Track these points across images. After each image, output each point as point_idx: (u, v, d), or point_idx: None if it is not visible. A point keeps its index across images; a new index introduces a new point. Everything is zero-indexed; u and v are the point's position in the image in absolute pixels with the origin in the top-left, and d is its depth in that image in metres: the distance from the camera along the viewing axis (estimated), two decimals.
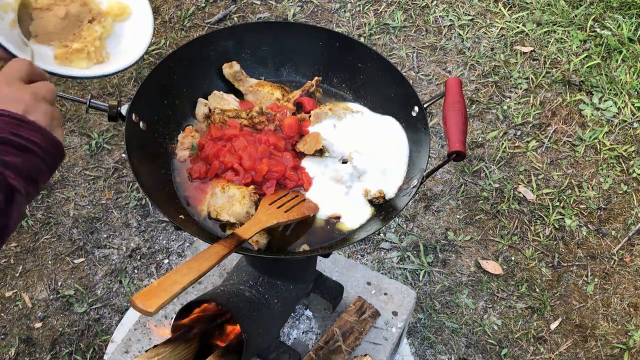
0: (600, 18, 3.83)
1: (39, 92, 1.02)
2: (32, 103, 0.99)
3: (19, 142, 0.94)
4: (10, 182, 0.91)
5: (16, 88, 1.00)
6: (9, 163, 0.92)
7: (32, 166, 0.95)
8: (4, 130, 0.93)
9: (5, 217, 0.92)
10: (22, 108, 0.97)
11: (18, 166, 0.93)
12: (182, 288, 1.14)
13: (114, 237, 2.91)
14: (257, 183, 1.51)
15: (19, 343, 2.61)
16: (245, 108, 1.66)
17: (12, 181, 0.91)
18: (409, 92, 1.61)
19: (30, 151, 0.95)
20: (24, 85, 1.02)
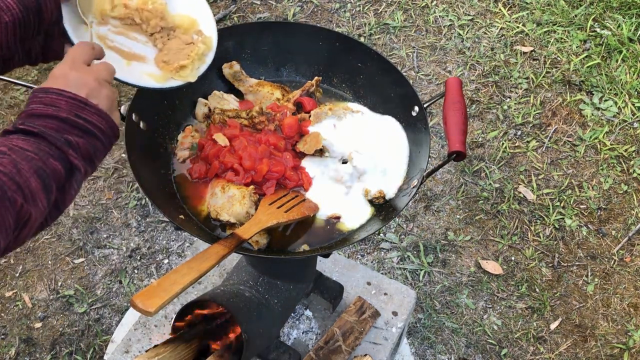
0: (600, 18, 3.83)
1: (101, 75, 1.09)
2: (95, 87, 1.06)
3: (82, 124, 1.01)
4: (72, 161, 0.99)
5: (81, 72, 1.07)
6: (72, 143, 0.99)
7: (91, 147, 1.02)
8: (69, 112, 1.00)
9: (64, 192, 1.00)
10: (86, 92, 1.04)
11: (80, 146, 1.00)
12: (182, 288, 1.14)
13: (114, 237, 2.91)
14: (257, 183, 1.51)
15: (19, 343, 2.61)
16: (245, 108, 1.66)
17: (73, 160, 0.99)
18: (409, 92, 1.61)
19: (91, 133, 1.02)
20: (88, 68, 1.09)
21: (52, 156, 0.97)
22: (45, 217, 0.99)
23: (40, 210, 0.96)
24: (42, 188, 0.95)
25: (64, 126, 1.00)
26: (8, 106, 3.36)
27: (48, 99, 1.01)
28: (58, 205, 1.00)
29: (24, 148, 0.95)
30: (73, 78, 1.05)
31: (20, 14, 1.18)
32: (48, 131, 0.98)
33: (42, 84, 1.06)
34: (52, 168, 0.97)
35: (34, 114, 1.00)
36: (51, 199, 0.97)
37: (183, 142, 1.61)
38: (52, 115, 0.99)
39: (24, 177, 0.93)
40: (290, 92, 1.71)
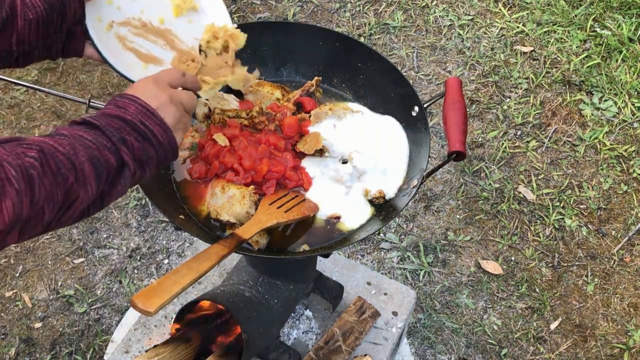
0: (600, 18, 3.83)
1: (178, 97, 1.16)
2: (166, 103, 1.12)
3: (143, 130, 1.07)
4: (123, 157, 1.04)
5: (159, 87, 1.14)
6: (127, 142, 1.05)
7: (145, 153, 1.08)
8: (135, 116, 1.07)
9: (112, 185, 1.05)
10: (156, 104, 1.11)
11: (134, 148, 1.06)
12: (182, 288, 1.14)
13: (114, 237, 2.91)
14: (257, 183, 1.50)
15: (19, 343, 2.61)
16: (245, 108, 1.66)
17: (125, 156, 1.04)
18: (409, 92, 1.61)
19: (148, 140, 1.08)
20: (168, 87, 1.16)
21: (108, 149, 1.02)
22: (89, 205, 1.03)
23: (88, 194, 1.01)
24: (94, 174, 1.00)
25: (126, 127, 1.06)
26: (8, 106, 3.36)
27: (121, 102, 1.08)
28: (104, 195, 1.04)
29: (83, 136, 1.01)
30: (149, 89, 1.12)
31: (44, 12, 1.22)
32: (109, 127, 1.04)
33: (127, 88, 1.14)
34: (106, 159, 1.02)
35: (104, 113, 1.07)
36: (100, 187, 1.02)
37: (183, 142, 1.61)
38: (118, 115, 1.06)
39: (79, 160, 0.98)
40: (290, 92, 1.71)
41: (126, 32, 1.43)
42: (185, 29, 1.49)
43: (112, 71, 3.51)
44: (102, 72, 3.52)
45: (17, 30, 1.21)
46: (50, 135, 1.00)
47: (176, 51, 1.47)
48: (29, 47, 1.25)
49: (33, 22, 1.21)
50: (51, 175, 0.94)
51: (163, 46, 1.46)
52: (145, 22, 1.45)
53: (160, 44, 1.46)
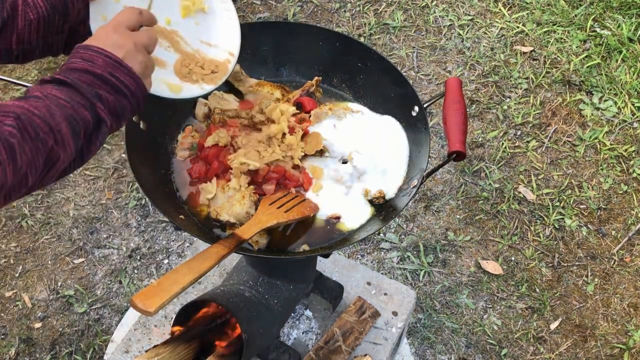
0: (600, 18, 3.82)
1: (140, 41, 1.15)
2: (132, 51, 1.12)
3: (114, 82, 1.07)
4: (100, 113, 1.05)
5: (121, 35, 1.12)
6: (102, 97, 1.05)
7: (120, 105, 1.08)
8: (104, 69, 1.07)
9: (90, 141, 1.06)
10: (122, 54, 1.10)
11: (109, 102, 1.06)
12: (182, 288, 1.14)
13: (114, 237, 2.91)
14: (257, 183, 1.50)
15: (19, 343, 2.61)
16: (245, 108, 1.66)
17: (101, 112, 1.05)
18: (409, 92, 1.61)
19: (121, 92, 1.08)
20: (130, 33, 1.14)
21: (83, 106, 1.03)
22: (70, 163, 1.04)
23: (68, 154, 1.02)
24: (71, 134, 1.01)
25: (97, 81, 1.06)
26: None
27: (87, 55, 1.07)
28: (83, 153, 1.06)
29: (58, 96, 1.01)
30: (113, 39, 1.11)
31: (45, 12, 1.22)
32: (81, 84, 1.04)
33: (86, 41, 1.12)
34: (82, 117, 1.02)
35: (71, 67, 1.06)
36: (78, 145, 1.03)
37: (183, 142, 1.61)
38: (87, 70, 1.06)
39: (56, 121, 0.98)
40: (290, 92, 1.71)
41: None
42: (191, 30, 1.48)
43: None
44: None
45: (18, 30, 1.21)
46: (25, 98, 0.99)
47: (180, 53, 1.47)
48: (29, 47, 1.25)
49: (34, 23, 1.21)
50: (31, 141, 0.94)
51: (167, 48, 1.46)
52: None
53: (164, 45, 1.46)
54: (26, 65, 3.53)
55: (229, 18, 1.50)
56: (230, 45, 1.51)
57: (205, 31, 1.50)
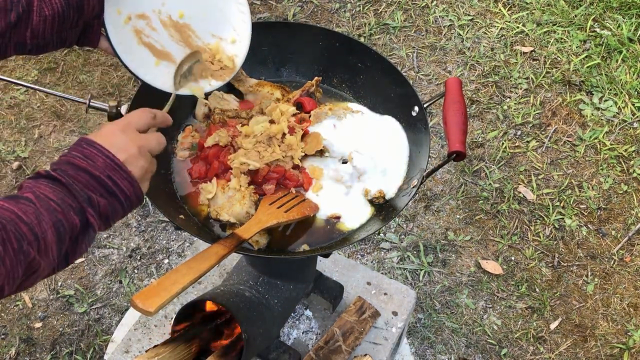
0: (600, 18, 3.83)
1: (147, 145, 1.13)
2: (135, 155, 1.09)
3: (110, 186, 1.05)
4: (89, 218, 1.02)
5: (128, 137, 1.11)
6: (93, 201, 1.03)
7: (111, 209, 1.06)
8: (103, 171, 1.04)
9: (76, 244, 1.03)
10: (125, 157, 1.08)
11: (100, 206, 1.04)
12: (182, 288, 1.14)
13: (114, 237, 2.91)
14: (257, 183, 1.51)
15: (19, 343, 2.61)
16: (245, 108, 1.66)
17: (90, 217, 1.02)
18: (409, 92, 1.61)
19: (115, 196, 1.06)
20: (137, 135, 1.13)
21: (73, 209, 1.00)
22: (53, 268, 1.01)
23: (50, 261, 0.99)
24: (56, 240, 0.98)
25: (93, 183, 1.03)
26: (8, 106, 3.36)
27: (88, 152, 1.05)
28: (67, 257, 1.03)
29: (49, 197, 0.99)
30: (118, 140, 1.09)
31: (60, 8, 1.22)
32: (75, 184, 1.02)
33: (91, 133, 1.10)
34: (70, 221, 1.00)
35: (70, 162, 1.04)
36: (62, 250, 1.00)
37: (183, 142, 1.61)
38: (85, 169, 1.03)
39: (43, 229, 0.96)
40: (290, 92, 1.71)
41: (144, 25, 1.41)
42: (203, 24, 1.48)
43: (112, 71, 3.52)
44: (102, 72, 3.52)
45: (32, 25, 1.21)
46: (16, 198, 0.97)
47: (190, 48, 1.47)
48: (43, 41, 1.25)
49: (49, 19, 1.21)
50: (12, 254, 0.91)
51: (178, 42, 1.45)
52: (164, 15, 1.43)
53: (176, 39, 1.45)
54: (26, 65, 3.53)
55: (241, 12, 1.50)
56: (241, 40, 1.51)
57: (217, 26, 1.50)
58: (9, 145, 3.20)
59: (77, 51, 3.59)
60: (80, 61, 3.55)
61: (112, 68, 3.53)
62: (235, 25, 1.51)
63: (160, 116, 1.23)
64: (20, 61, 3.56)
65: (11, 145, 3.19)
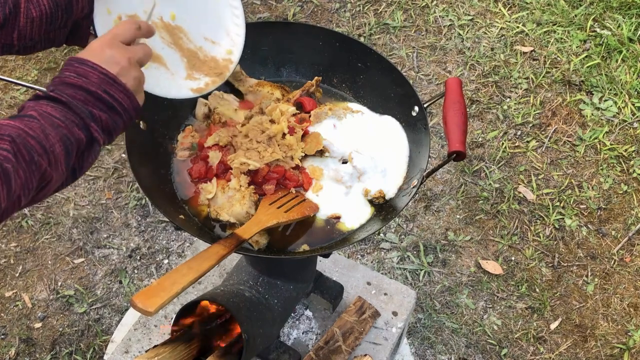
0: (600, 18, 3.82)
1: (135, 56, 1.14)
2: (126, 67, 1.11)
3: (107, 100, 1.07)
4: (93, 132, 1.06)
5: (116, 50, 1.12)
6: (95, 116, 1.06)
7: (112, 122, 1.09)
8: (99, 86, 1.06)
9: (82, 159, 1.07)
10: (117, 70, 1.09)
11: (102, 120, 1.07)
12: (182, 288, 1.14)
13: (114, 237, 2.91)
14: (257, 183, 1.50)
15: (19, 343, 2.61)
16: (245, 108, 1.66)
17: (94, 132, 1.06)
18: (409, 92, 1.61)
19: (115, 110, 1.08)
20: (124, 47, 1.14)
21: (77, 125, 1.03)
22: (62, 182, 1.05)
23: (60, 174, 1.02)
24: (64, 154, 1.01)
25: (91, 99, 1.05)
26: (8, 106, 3.36)
27: (82, 70, 1.07)
28: (75, 171, 1.07)
29: (53, 115, 1.01)
30: (108, 55, 1.10)
31: (48, 9, 1.21)
32: (75, 102, 1.04)
33: (79, 52, 1.11)
34: (76, 136, 1.03)
35: (65, 82, 1.06)
36: (70, 164, 1.04)
37: (183, 142, 1.61)
38: (82, 86, 1.05)
39: (50, 143, 0.99)
40: (290, 92, 1.71)
41: None
42: (196, 27, 1.47)
43: None
44: None
45: (19, 26, 1.20)
46: (20, 117, 1.00)
47: (181, 50, 1.46)
48: (31, 42, 1.25)
49: (36, 20, 1.21)
50: (25, 165, 0.95)
51: (169, 44, 1.44)
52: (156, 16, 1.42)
53: (167, 41, 1.44)
54: (26, 65, 3.53)
55: (235, 16, 1.50)
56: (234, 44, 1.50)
57: (210, 29, 1.49)
58: None
59: (76, 51, 3.58)
60: None
61: None
62: (228, 28, 1.50)
63: (145, 26, 1.23)
64: (20, 61, 3.56)
65: None
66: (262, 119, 1.57)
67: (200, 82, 1.48)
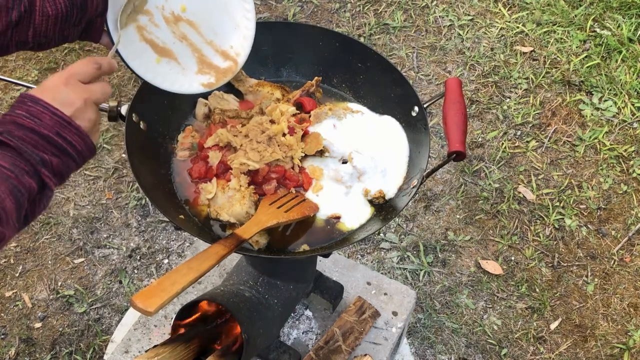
0: (600, 18, 3.83)
1: (92, 97, 1.10)
2: (81, 108, 1.07)
3: (61, 144, 1.02)
4: (44, 179, 1.01)
5: (72, 89, 1.07)
6: (46, 162, 1.01)
7: (65, 166, 1.04)
8: (51, 129, 1.01)
9: (34, 206, 1.02)
10: (72, 111, 1.05)
11: (53, 165, 1.02)
12: (182, 288, 1.14)
13: (114, 237, 2.91)
14: (257, 183, 1.50)
15: (19, 343, 2.61)
16: (245, 108, 1.66)
17: (45, 178, 1.01)
18: (409, 92, 1.61)
19: (68, 154, 1.04)
20: (81, 87, 1.09)
21: (27, 173, 0.98)
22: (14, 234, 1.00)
23: (12, 229, 0.97)
24: (15, 207, 0.96)
25: (42, 142, 1.00)
26: (8, 106, 3.36)
27: (34, 110, 1.01)
28: (27, 218, 1.02)
29: (1, 165, 0.96)
30: (62, 94, 1.06)
31: (64, 7, 1.21)
32: (25, 146, 0.99)
33: (33, 89, 1.06)
34: (27, 185, 0.98)
35: (16, 122, 1.00)
36: (22, 214, 0.99)
37: (183, 142, 1.61)
38: (33, 128, 1.00)
39: (1, 199, 0.94)
40: (290, 92, 1.71)
41: (146, 21, 1.40)
42: (207, 21, 1.47)
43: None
44: None
45: (34, 24, 1.20)
46: None
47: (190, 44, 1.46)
48: (45, 39, 1.24)
49: (51, 18, 1.20)
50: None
51: (180, 39, 1.44)
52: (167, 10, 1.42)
53: (178, 35, 1.44)
54: (26, 65, 3.53)
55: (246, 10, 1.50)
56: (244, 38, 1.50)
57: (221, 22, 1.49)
58: None
59: (77, 51, 3.59)
60: None
61: None
62: (238, 22, 1.51)
63: (106, 65, 1.18)
64: (20, 61, 3.56)
65: None
66: (262, 119, 1.57)
67: (211, 77, 1.49)
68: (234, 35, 1.52)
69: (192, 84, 1.46)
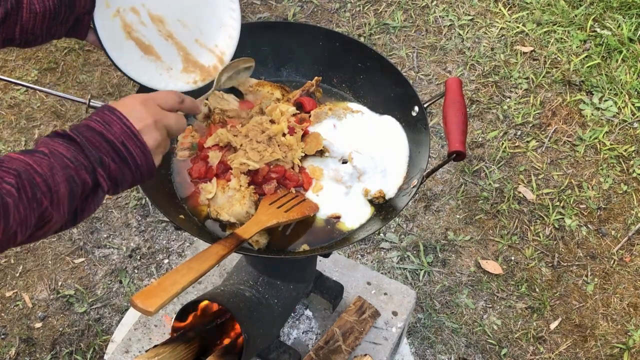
0: (600, 18, 3.83)
1: (164, 121, 1.15)
2: (151, 125, 1.12)
3: (122, 152, 1.07)
4: (99, 178, 1.05)
5: (147, 108, 1.13)
6: (104, 163, 1.05)
7: (121, 175, 1.08)
8: (118, 137, 1.06)
9: (85, 203, 1.06)
10: (141, 126, 1.10)
11: (110, 169, 1.06)
12: (182, 288, 1.14)
13: (114, 237, 2.91)
14: (257, 183, 1.51)
15: (19, 343, 2.61)
16: (245, 108, 1.66)
17: (100, 177, 1.05)
18: (409, 92, 1.61)
19: (127, 163, 1.08)
20: (157, 109, 1.15)
21: (85, 168, 1.03)
22: (62, 224, 1.04)
23: (61, 215, 1.01)
24: (68, 195, 1.01)
25: (106, 146, 1.06)
26: (8, 106, 3.36)
27: (108, 118, 1.08)
28: (76, 215, 1.06)
29: (63, 154, 1.01)
30: (137, 110, 1.11)
31: (52, 5, 1.21)
32: (89, 145, 1.04)
33: (115, 101, 1.13)
34: (82, 179, 1.02)
35: (89, 125, 1.06)
36: (73, 206, 1.03)
37: (183, 142, 1.61)
38: (102, 133, 1.06)
39: (56, 182, 0.98)
40: (290, 92, 1.71)
41: (133, 19, 1.40)
42: (192, 20, 1.48)
43: (112, 71, 3.52)
44: (102, 72, 3.52)
45: (22, 21, 1.20)
46: (31, 152, 1.00)
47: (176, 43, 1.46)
48: (32, 36, 1.25)
49: (39, 15, 1.20)
50: (26, 201, 0.94)
51: (166, 37, 1.45)
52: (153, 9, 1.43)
53: (164, 34, 1.44)
54: (26, 65, 3.53)
55: (231, 10, 1.51)
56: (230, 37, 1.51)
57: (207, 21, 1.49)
58: (9, 145, 3.20)
59: (77, 51, 3.59)
60: (80, 61, 3.55)
61: (112, 68, 3.53)
62: (224, 21, 1.51)
63: (189, 102, 1.23)
64: (20, 61, 3.56)
65: (11, 145, 3.19)
66: (262, 119, 1.57)
67: (196, 75, 1.50)
68: (220, 34, 1.52)
69: (177, 82, 1.47)
